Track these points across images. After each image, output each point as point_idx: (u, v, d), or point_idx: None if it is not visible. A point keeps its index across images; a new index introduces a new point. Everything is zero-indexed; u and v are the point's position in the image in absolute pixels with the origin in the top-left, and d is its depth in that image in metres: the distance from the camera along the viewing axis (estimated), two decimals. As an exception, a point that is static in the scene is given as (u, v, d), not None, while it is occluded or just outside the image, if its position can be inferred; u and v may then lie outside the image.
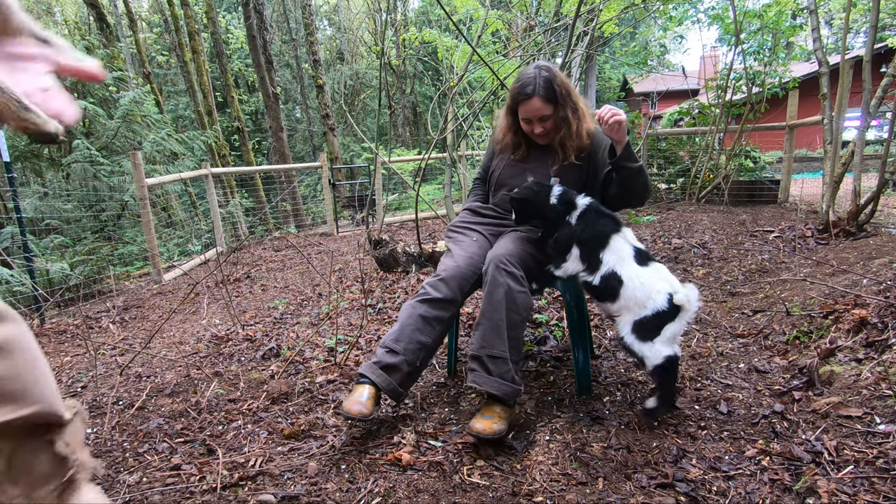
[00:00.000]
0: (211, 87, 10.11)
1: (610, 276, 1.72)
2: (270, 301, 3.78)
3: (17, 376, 0.68)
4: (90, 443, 1.78)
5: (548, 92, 1.85)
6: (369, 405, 1.70)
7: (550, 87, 1.85)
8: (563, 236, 1.81)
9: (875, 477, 1.35)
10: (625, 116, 1.74)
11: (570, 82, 1.95)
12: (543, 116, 1.88)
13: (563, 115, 1.90)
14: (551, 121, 1.90)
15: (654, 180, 7.18)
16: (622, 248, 1.74)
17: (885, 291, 2.26)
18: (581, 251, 1.78)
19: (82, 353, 2.90)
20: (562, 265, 1.82)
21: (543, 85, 1.84)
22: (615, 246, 1.74)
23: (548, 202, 1.81)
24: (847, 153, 3.87)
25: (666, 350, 1.66)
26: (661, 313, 1.66)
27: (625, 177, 1.84)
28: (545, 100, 1.85)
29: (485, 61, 3.89)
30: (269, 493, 1.45)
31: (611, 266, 1.72)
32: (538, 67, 1.89)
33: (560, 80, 1.88)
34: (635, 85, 18.20)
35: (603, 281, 1.73)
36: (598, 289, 1.76)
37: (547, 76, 1.86)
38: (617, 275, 1.71)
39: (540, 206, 1.83)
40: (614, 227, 1.77)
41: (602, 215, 1.79)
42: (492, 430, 1.62)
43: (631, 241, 1.76)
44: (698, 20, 7.84)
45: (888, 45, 10.39)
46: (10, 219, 5.70)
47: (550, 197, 1.81)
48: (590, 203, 1.81)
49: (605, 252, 1.74)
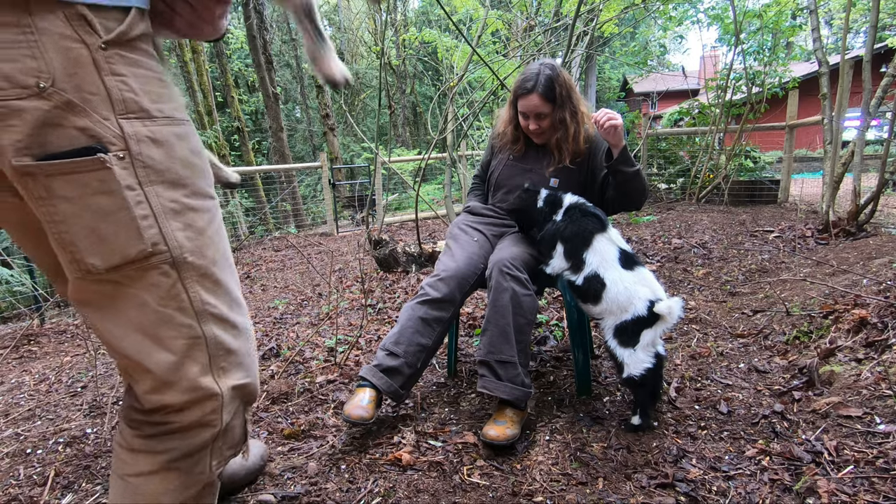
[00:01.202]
0: (211, 87, 10.10)
1: (593, 278, 1.71)
2: (270, 301, 3.78)
3: (248, 353, 0.89)
4: (90, 443, 1.78)
5: (547, 90, 1.85)
6: (370, 409, 1.71)
7: (551, 85, 1.85)
8: (546, 233, 1.82)
9: (875, 477, 1.35)
10: (621, 121, 1.75)
11: (573, 84, 1.94)
12: (540, 114, 1.89)
13: (560, 117, 1.90)
14: (548, 120, 1.90)
15: (653, 180, 7.18)
16: (606, 249, 1.72)
17: (885, 291, 2.26)
18: (564, 248, 1.77)
19: (82, 353, 2.90)
20: (549, 262, 1.83)
21: (544, 83, 1.85)
22: (598, 246, 1.73)
23: (535, 206, 1.84)
24: (847, 153, 3.87)
25: (646, 361, 1.65)
26: (640, 319, 1.65)
27: (621, 181, 1.84)
28: (544, 98, 1.85)
29: (485, 61, 3.89)
30: (268, 493, 1.45)
31: (594, 268, 1.71)
32: (543, 64, 1.89)
33: (563, 81, 1.88)
34: (635, 85, 18.19)
35: (586, 282, 1.72)
36: (581, 289, 1.75)
37: (549, 74, 1.86)
38: (600, 277, 1.70)
39: (530, 213, 1.85)
40: (599, 226, 1.76)
41: (587, 214, 1.78)
42: (506, 436, 1.63)
43: (617, 242, 1.75)
44: (698, 20, 7.84)
45: (888, 45, 10.39)
46: (10, 219, 5.70)
47: (538, 201, 1.84)
48: (575, 201, 1.81)
49: (588, 252, 1.73)
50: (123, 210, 0.71)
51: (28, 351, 3.11)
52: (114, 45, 0.69)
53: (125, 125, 0.71)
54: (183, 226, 0.77)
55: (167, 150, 0.75)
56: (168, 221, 0.75)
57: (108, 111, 0.69)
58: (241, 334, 0.87)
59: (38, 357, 3.00)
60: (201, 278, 0.80)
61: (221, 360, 0.83)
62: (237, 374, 0.86)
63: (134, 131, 0.71)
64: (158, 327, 0.77)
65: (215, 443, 0.86)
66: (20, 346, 3.16)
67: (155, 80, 0.76)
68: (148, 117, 0.73)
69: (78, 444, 1.78)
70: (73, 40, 0.66)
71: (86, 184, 0.69)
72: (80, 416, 2.01)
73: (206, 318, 0.80)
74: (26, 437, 1.86)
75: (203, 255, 0.80)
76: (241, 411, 0.91)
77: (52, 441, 1.81)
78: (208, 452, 0.85)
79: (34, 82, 0.64)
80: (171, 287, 0.77)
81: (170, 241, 0.76)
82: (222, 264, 0.84)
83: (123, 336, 0.77)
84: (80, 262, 0.73)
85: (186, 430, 0.82)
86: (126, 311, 0.76)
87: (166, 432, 0.82)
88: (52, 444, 1.79)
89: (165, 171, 0.75)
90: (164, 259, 0.76)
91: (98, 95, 0.68)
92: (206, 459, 0.86)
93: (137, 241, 0.73)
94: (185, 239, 0.77)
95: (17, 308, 4.00)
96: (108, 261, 0.73)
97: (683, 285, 3.29)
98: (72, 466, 1.64)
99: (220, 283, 0.83)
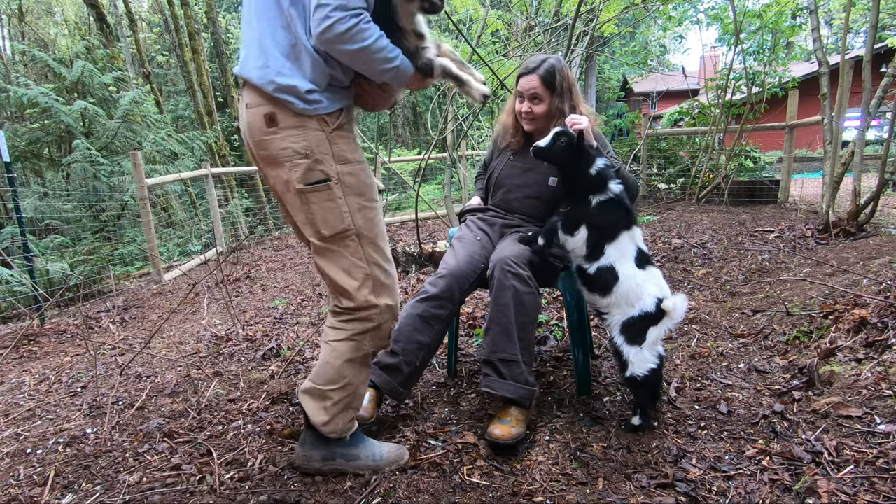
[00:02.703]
0: (211, 87, 10.09)
1: (607, 269, 1.70)
2: (270, 301, 3.78)
3: (394, 288, 1.51)
4: (90, 443, 1.79)
5: (548, 75, 1.87)
6: (370, 408, 1.72)
7: (552, 73, 1.87)
8: (575, 213, 1.74)
9: (875, 477, 1.35)
10: (587, 124, 1.77)
11: (576, 83, 1.96)
12: (536, 95, 1.90)
13: (559, 107, 1.90)
14: (543, 105, 1.91)
15: (653, 180, 7.18)
16: (627, 246, 1.72)
17: (885, 291, 2.26)
18: (589, 236, 1.72)
19: (82, 353, 2.90)
20: (567, 238, 1.75)
21: (547, 68, 1.88)
22: (622, 242, 1.71)
23: (588, 168, 1.73)
24: (847, 153, 3.87)
25: (651, 361, 1.65)
26: (647, 315, 1.65)
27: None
28: (543, 81, 1.87)
29: (485, 61, 3.89)
30: (268, 493, 1.45)
31: (611, 260, 1.70)
32: (551, 56, 1.93)
33: (565, 75, 1.90)
34: (635, 85, 18.19)
35: (598, 272, 1.71)
36: (591, 278, 1.73)
37: (553, 64, 1.89)
38: (614, 270, 1.69)
39: (578, 163, 1.74)
40: (627, 223, 1.73)
41: (621, 207, 1.73)
42: (511, 435, 1.62)
43: (637, 241, 1.74)
44: (698, 20, 7.84)
45: (888, 45, 10.39)
46: (10, 219, 5.70)
47: (592, 166, 1.73)
48: (619, 192, 1.74)
49: (610, 245, 1.71)
50: (337, 208, 1.38)
51: (28, 351, 3.11)
52: (336, 130, 1.37)
53: (339, 167, 1.38)
54: (362, 216, 1.42)
55: (356, 178, 1.41)
56: (355, 214, 1.40)
57: (332, 161, 1.37)
58: (390, 277, 1.48)
59: (38, 357, 3.00)
60: (370, 244, 1.44)
61: (379, 288, 1.45)
62: (387, 298, 1.47)
63: (342, 170, 1.38)
64: (350, 268, 1.42)
65: (373, 332, 1.47)
66: (20, 346, 3.16)
67: (352, 141, 1.43)
68: (347, 162, 1.39)
69: (78, 444, 1.78)
70: (319, 130, 1.35)
71: (322, 196, 1.37)
72: (80, 416, 2.01)
73: (372, 266, 1.44)
74: (26, 437, 1.86)
75: (371, 231, 1.44)
76: (389, 320, 1.49)
77: (52, 441, 1.81)
78: (369, 336, 1.47)
79: (305, 151, 1.34)
80: (356, 248, 1.42)
81: (356, 223, 1.41)
82: (381, 237, 1.47)
83: (335, 273, 1.43)
84: (318, 232, 1.40)
85: (360, 321, 1.45)
86: (336, 259, 1.42)
87: (350, 320, 1.46)
88: (52, 444, 1.79)
89: (354, 187, 1.40)
90: (353, 233, 1.41)
91: (329, 155, 1.36)
92: (367, 340, 1.47)
93: (341, 223, 1.39)
94: (362, 222, 1.42)
95: (17, 308, 3.99)
96: (330, 232, 1.39)
97: (683, 285, 3.29)
98: (72, 466, 1.64)
99: (380, 247, 1.46)
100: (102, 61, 7.57)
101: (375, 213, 1.46)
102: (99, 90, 6.96)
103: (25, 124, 6.87)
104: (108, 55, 7.85)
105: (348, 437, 1.55)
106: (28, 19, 15.26)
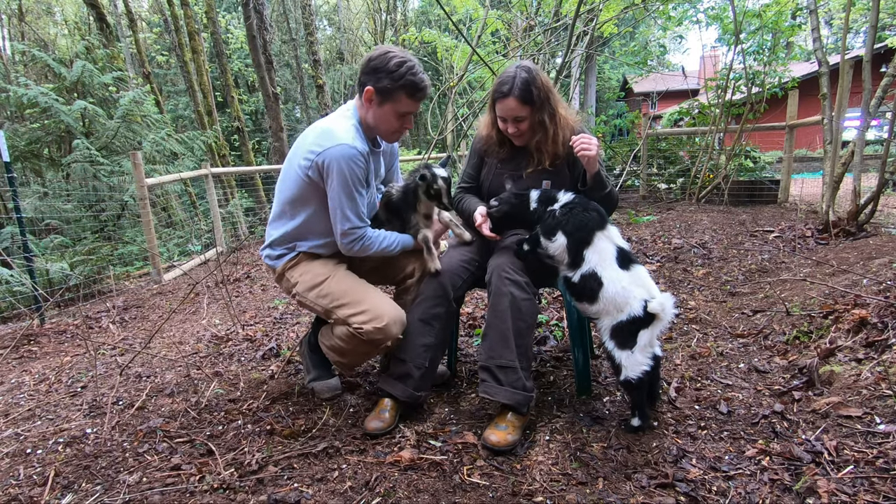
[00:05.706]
0: (211, 87, 10.09)
1: (590, 276, 1.68)
2: (270, 301, 3.78)
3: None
4: (90, 443, 1.79)
5: (524, 93, 1.78)
6: (387, 418, 1.78)
7: (528, 88, 1.78)
8: (546, 225, 1.77)
9: (875, 477, 1.35)
10: (595, 151, 1.73)
11: (551, 86, 1.89)
12: (518, 117, 1.83)
13: (539, 119, 1.84)
14: (526, 122, 1.84)
15: (653, 180, 7.17)
16: (605, 247, 1.70)
17: (885, 291, 2.26)
18: (568, 242, 1.72)
19: (82, 353, 2.90)
20: (549, 242, 1.76)
21: (521, 86, 1.78)
22: (599, 244, 1.70)
23: (528, 208, 1.81)
24: (847, 153, 3.87)
25: (643, 364, 1.64)
26: (636, 319, 1.64)
27: (593, 199, 1.83)
28: (521, 101, 1.79)
29: (484, 61, 3.89)
30: (268, 493, 1.45)
31: (592, 266, 1.69)
32: (519, 67, 1.83)
33: (540, 83, 1.81)
34: (635, 85, 18.19)
35: (582, 280, 1.70)
36: (576, 287, 1.73)
37: (526, 77, 1.79)
38: (597, 276, 1.67)
39: (523, 214, 1.82)
40: (599, 222, 1.73)
41: (588, 209, 1.75)
42: (507, 442, 1.63)
43: (615, 240, 1.73)
44: (698, 20, 7.84)
45: (888, 45, 10.39)
46: (10, 219, 5.69)
47: (530, 203, 1.81)
48: (574, 197, 1.77)
49: (588, 250, 1.70)
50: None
51: (28, 351, 3.11)
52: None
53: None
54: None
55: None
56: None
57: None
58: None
59: (38, 357, 3.00)
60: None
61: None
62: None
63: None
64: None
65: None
66: (20, 346, 3.16)
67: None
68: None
69: (78, 444, 1.78)
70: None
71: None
72: (80, 416, 2.01)
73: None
74: (26, 437, 1.86)
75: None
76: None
77: (52, 441, 1.81)
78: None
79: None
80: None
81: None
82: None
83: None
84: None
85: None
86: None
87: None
88: (52, 444, 1.79)
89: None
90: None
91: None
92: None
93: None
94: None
95: (17, 308, 3.99)
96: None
97: (683, 285, 3.29)
98: (72, 466, 1.64)
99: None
100: (102, 61, 7.56)
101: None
102: (99, 90, 6.96)
103: (25, 124, 6.86)
104: (108, 55, 7.85)
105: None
106: (28, 19, 15.27)
